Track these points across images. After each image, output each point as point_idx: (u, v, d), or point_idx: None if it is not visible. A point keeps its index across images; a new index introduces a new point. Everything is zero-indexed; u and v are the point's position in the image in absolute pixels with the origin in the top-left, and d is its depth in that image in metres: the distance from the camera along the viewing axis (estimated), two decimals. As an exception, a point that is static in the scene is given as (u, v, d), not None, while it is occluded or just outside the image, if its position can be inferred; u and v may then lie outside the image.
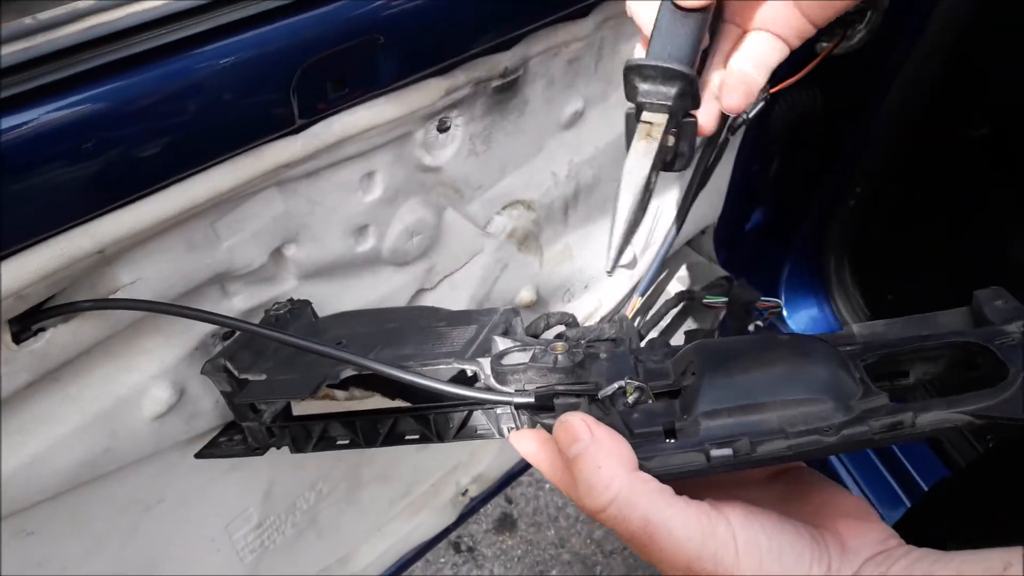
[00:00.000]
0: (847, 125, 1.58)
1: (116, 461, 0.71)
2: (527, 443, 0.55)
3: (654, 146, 0.48)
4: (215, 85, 0.58)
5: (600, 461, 0.45)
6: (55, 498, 0.69)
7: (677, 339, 1.68)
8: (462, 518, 1.34)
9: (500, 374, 0.60)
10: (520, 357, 0.60)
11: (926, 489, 1.58)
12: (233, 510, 0.93)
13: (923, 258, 1.65)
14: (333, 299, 0.85)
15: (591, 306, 1.23)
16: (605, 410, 0.54)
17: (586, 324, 1.23)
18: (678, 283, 1.48)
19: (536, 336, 1.17)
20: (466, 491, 1.24)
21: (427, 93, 0.74)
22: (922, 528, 0.99)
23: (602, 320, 1.26)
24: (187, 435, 0.77)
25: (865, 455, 1.74)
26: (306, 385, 0.69)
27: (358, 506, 1.15)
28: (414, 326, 0.74)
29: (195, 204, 0.62)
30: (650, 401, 0.52)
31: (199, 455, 0.80)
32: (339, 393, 0.91)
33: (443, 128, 0.82)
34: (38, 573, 0.72)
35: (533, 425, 0.60)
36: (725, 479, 0.46)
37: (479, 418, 0.63)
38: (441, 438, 0.65)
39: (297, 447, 0.74)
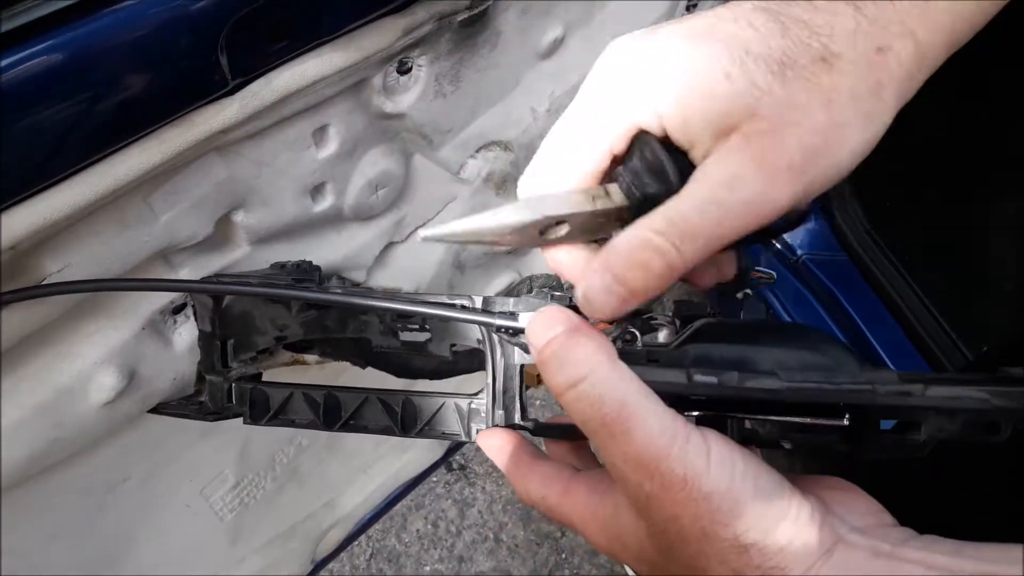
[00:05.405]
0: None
1: (67, 450, 0.68)
2: (494, 438, 0.52)
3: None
4: (119, 54, 0.49)
5: (581, 342, 0.41)
6: (7, 492, 0.65)
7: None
8: (451, 450, 1.33)
9: (491, 303, 0.55)
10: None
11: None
12: (207, 475, 0.91)
13: (924, 161, 1.58)
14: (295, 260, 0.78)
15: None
16: None
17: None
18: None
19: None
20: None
21: (382, 35, 0.65)
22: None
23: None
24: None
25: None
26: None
27: (341, 452, 1.13)
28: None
29: (119, 186, 0.55)
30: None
31: (152, 410, 0.76)
32: (309, 357, 0.87)
33: (404, 70, 0.73)
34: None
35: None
36: None
37: (450, 417, 0.59)
38: (405, 430, 0.60)
39: (253, 416, 0.69)
